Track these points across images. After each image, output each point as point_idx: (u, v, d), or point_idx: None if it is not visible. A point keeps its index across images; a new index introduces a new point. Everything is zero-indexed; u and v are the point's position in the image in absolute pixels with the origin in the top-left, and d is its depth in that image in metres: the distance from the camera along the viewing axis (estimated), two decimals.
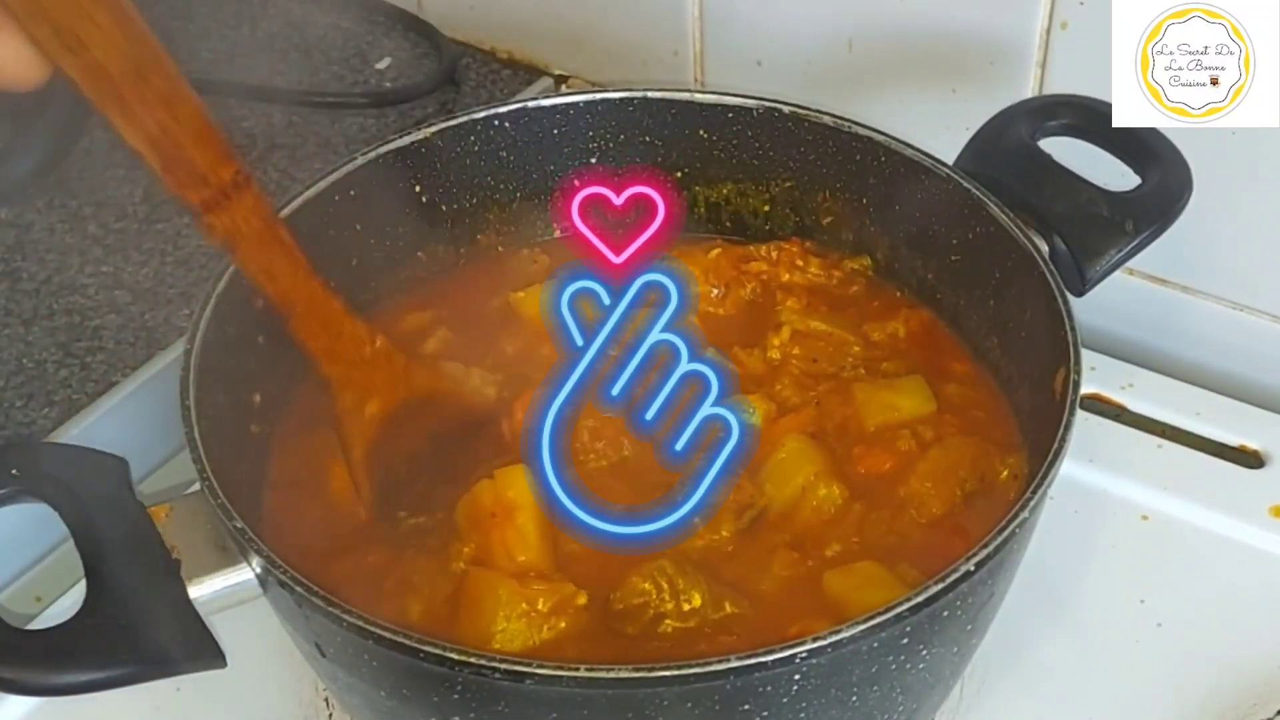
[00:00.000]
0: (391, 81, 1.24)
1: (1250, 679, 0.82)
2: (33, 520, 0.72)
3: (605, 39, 1.19)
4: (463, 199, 0.93)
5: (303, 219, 0.84)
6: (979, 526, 0.72)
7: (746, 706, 0.64)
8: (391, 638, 0.62)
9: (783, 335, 0.86)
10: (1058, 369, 0.75)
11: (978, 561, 0.65)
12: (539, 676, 0.61)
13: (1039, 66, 0.97)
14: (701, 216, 0.95)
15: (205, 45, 1.28)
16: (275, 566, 0.65)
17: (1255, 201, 0.95)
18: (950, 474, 0.78)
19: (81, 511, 0.69)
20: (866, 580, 0.73)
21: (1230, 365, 1.01)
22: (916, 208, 0.87)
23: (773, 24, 1.09)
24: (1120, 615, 0.86)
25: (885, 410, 0.82)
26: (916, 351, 0.87)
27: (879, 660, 0.65)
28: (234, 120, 1.19)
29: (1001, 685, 0.83)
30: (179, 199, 0.67)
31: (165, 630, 0.66)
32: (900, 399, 0.83)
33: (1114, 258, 0.81)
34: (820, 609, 0.72)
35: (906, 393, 0.83)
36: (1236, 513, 0.91)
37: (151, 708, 0.81)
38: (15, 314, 1.02)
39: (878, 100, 1.04)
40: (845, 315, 0.89)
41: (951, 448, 0.80)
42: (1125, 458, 0.94)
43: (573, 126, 0.93)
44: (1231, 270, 0.99)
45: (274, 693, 0.84)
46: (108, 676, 0.64)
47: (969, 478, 0.78)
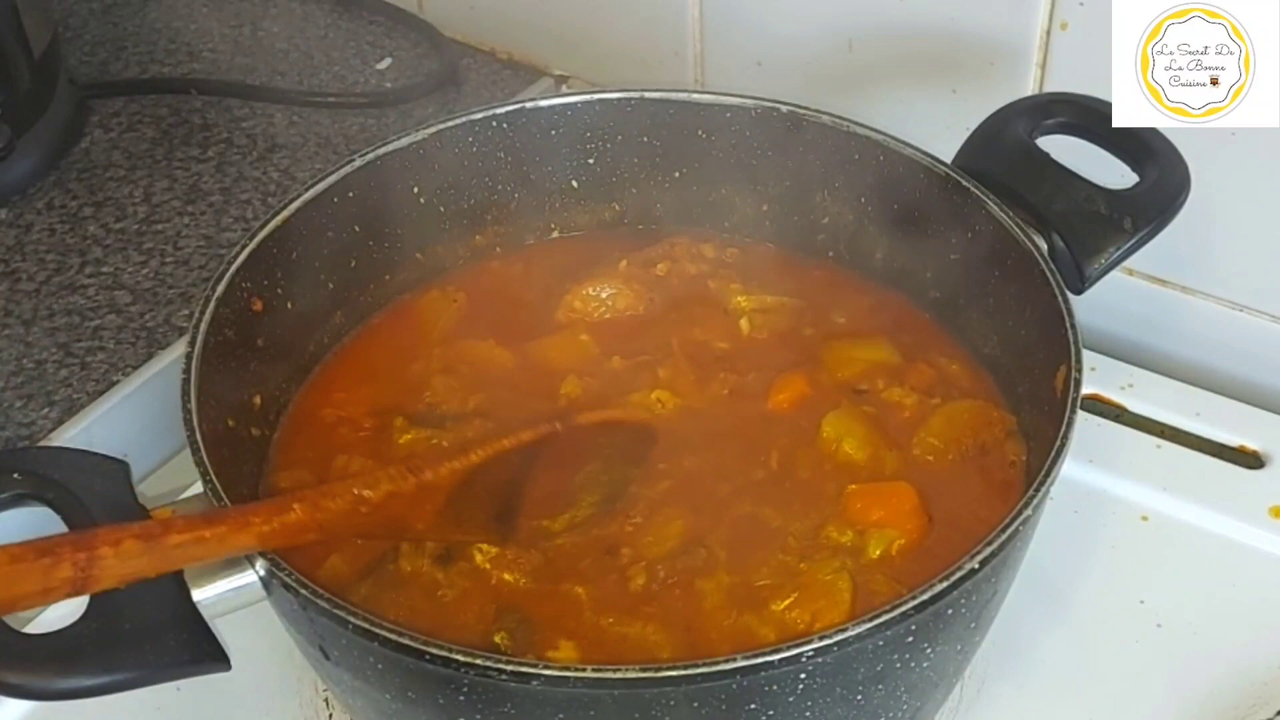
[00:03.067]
0: (391, 81, 1.24)
1: (1250, 679, 0.82)
2: (33, 521, 0.72)
3: (605, 39, 1.19)
4: (461, 200, 0.93)
5: (303, 219, 0.84)
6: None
7: (753, 705, 0.64)
8: (397, 640, 0.62)
9: (744, 316, 0.88)
10: (1058, 367, 0.75)
11: (982, 559, 0.65)
12: (545, 677, 0.61)
13: (1039, 67, 0.98)
14: (699, 216, 0.96)
15: (205, 45, 1.28)
16: (279, 569, 0.65)
17: (1255, 201, 0.95)
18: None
19: (84, 515, 0.68)
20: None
21: (1230, 365, 1.01)
22: (915, 207, 0.88)
23: (773, 24, 1.09)
24: (1120, 615, 0.86)
25: (849, 363, 0.85)
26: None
27: (884, 658, 0.65)
28: (234, 120, 1.19)
29: (1001, 685, 0.83)
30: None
31: (169, 634, 0.65)
32: (863, 352, 0.86)
33: (1113, 255, 0.81)
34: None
35: (870, 348, 0.86)
36: (1236, 513, 0.91)
37: (152, 708, 0.81)
38: (15, 314, 1.02)
39: (878, 100, 1.04)
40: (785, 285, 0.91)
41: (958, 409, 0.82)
42: (1125, 458, 0.94)
43: (571, 127, 0.93)
44: (1231, 270, 0.99)
45: (274, 693, 0.84)
46: (112, 681, 0.64)
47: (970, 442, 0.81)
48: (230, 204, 1.12)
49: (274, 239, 0.83)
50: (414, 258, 0.93)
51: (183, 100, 1.21)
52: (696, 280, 0.92)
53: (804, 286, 0.91)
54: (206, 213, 1.11)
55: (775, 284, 0.91)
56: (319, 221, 0.86)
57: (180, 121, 1.20)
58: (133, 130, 1.19)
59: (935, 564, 0.66)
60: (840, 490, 0.78)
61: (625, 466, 0.79)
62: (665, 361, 0.86)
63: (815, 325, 0.89)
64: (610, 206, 0.96)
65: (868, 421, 0.82)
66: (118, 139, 1.18)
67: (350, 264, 0.89)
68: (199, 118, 1.20)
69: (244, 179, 1.14)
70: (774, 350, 0.87)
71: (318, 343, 0.88)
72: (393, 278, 0.92)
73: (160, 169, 1.15)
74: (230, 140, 1.18)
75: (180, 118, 1.20)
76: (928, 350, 0.87)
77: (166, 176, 1.14)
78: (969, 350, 0.87)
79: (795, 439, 0.81)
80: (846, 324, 0.89)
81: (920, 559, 0.75)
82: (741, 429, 0.82)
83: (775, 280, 0.92)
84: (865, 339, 0.88)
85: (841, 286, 0.92)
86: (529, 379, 0.86)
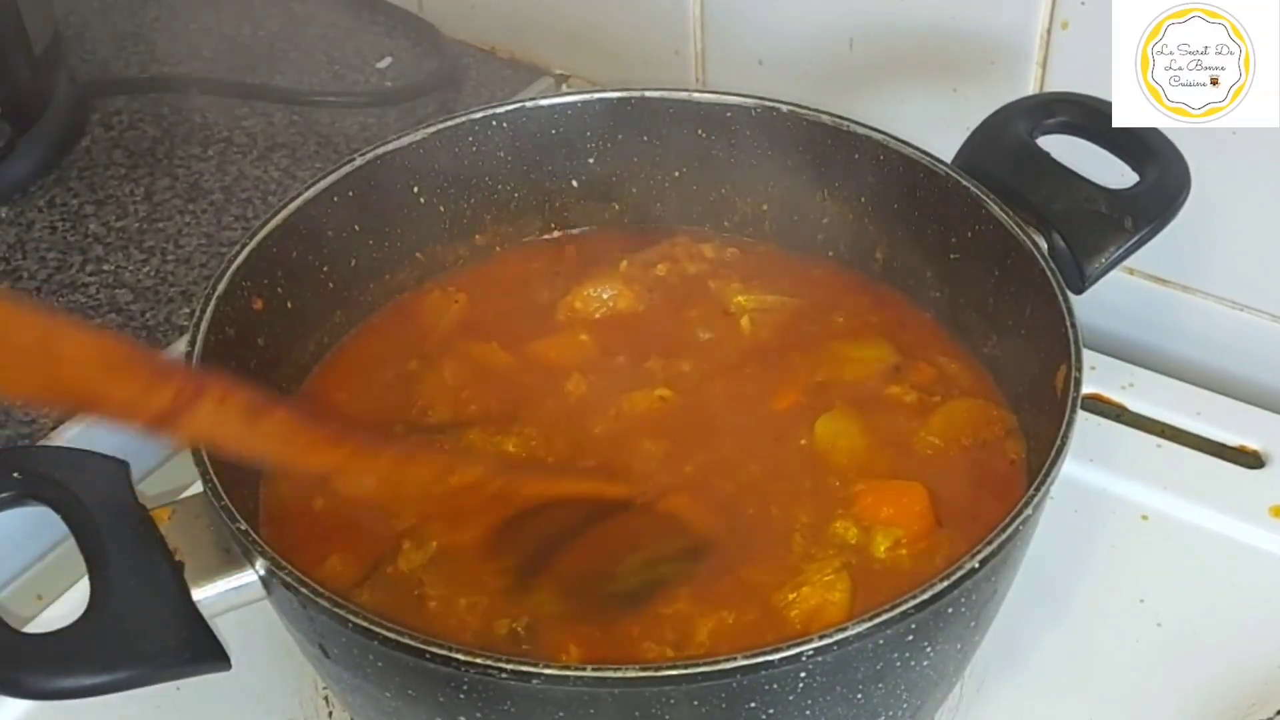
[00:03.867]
0: (391, 81, 1.24)
1: (1250, 679, 0.82)
2: (33, 519, 0.72)
3: (605, 39, 1.19)
4: (461, 199, 0.93)
5: (302, 219, 0.84)
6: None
7: (753, 704, 0.64)
8: (397, 639, 0.62)
9: (745, 315, 0.88)
10: (1058, 367, 0.75)
11: (982, 558, 0.65)
12: (545, 676, 0.61)
13: (1039, 66, 0.98)
14: (699, 216, 0.96)
15: (205, 45, 1.28)
16: (279, 569, 0.65)
17: (1255, 201, 0.95)
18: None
19: (84, 515, 0.68)
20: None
21: (1230, 365, 1.01)
22: (915, 206, 0.88)
23: (774, 23, 1.09)
24: (1120, 615, 0.86)
25: (849, 363, 0.85)
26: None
27: (884, 657, 0.65)
28: (234, 120, 1.19)
29: (1001, 685, 0.83)
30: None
31: (169, 634, 0.66)
32: (863, 352, 0.86)
33: (1113, 255, 0.81)
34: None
35: (870, 347, 0.86)
36: (1236, 513, 0.91)
37: (152, 707, 0.81)
38: None
39: (879, 100, 1.04)
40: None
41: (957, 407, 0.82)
42: (1125, 458, 0.94)
43: (571, 126, 0.93)
44: (1231, 270, 0.99)
45: (274, 691, 0.84)
46: (112, 680, 0.64)
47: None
48: (231, 203, 1.12)
49: (274, 238, 0.83)
50: (414, 257, 0.93)
51: (183, 99, 1.21)
52: (696, 280, 0.92)
53: (804, 286, 0.91)
54: (207, 211, 1.11)
55: (775, 284, 0.91)
56: (319, 221, 0.86)
57: (181, 120, 1.20)
58: (134, 129, 1.19)
59: (937, 563, 0.66)
60: (845, 488, 0.78)
61: (676, 564, 0.75)
62: (666, 361, 0.86)
63: (816, 324, 0.89)
64: (610, 206, 0.96)
65: (865, 421, 0.82)
66: (119, 137, 1.18)
67: (350, 263, 0.89)
68: (199, 116, 1.20)
69: (244, 178, 1.14)
70: (775, 349, 0.87)
71: (318, 342, 0.88)
72: (392, 277, 0.92)
73: (161, 167, 1.15)
74: (230, 139, 1.18)
75: (181, 116, 1.20)
76: (928, 350, 0.87)
77: (167, 175, 1.14)
78: (969, 350, 0.87)
79: (796, 436, 0.81)
80: (846, 324, 0.89)
81: (922, 559, 0.75)
82: (743, 426, 0.82)
83: (775, 280, 0.92)
84: (865, 339, 0.88)
85: (841, 286, 0.92)
86: (529, 379, 0.86)
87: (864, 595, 0.72)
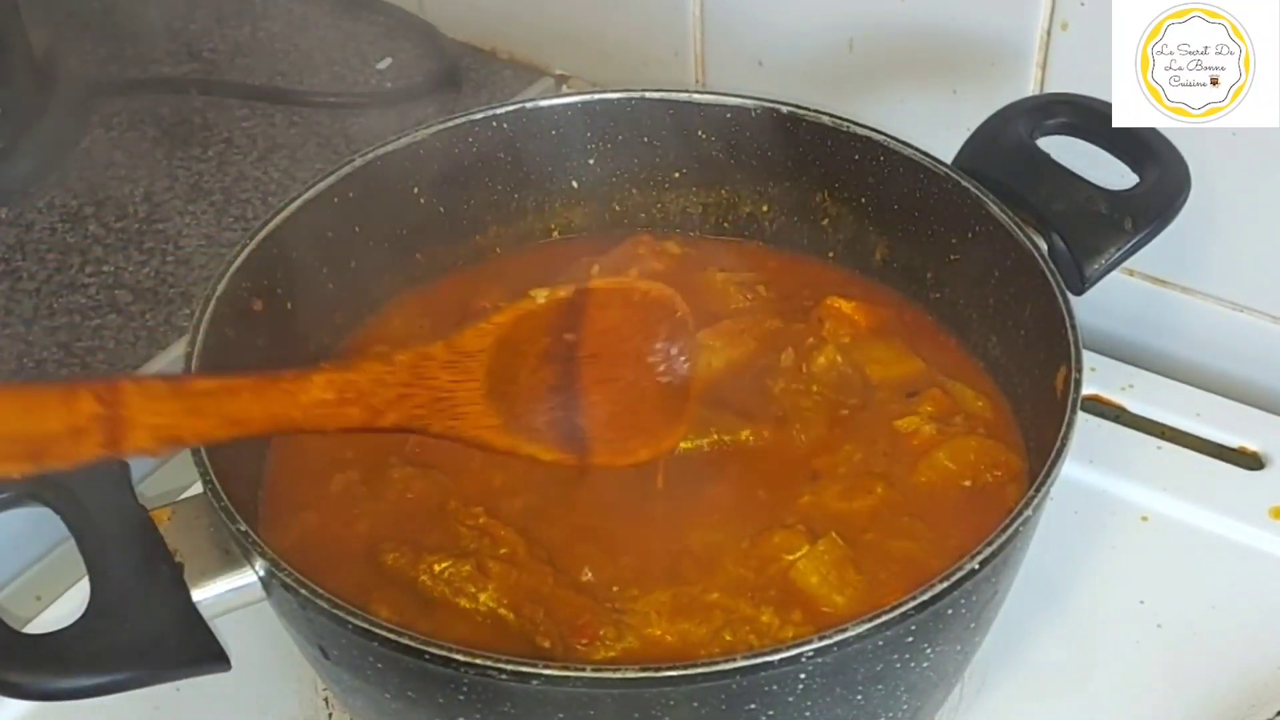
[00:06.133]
0: (391, 81, 1.24)
1: (1250, 679, 0.82)
2: (32, 519, 0.72)
3: (605, 39, 1.19)
4: (461, 200, 0.93)
5: (302, 220, 0.84)
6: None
7: (752, 705, 0.64)
8: (397, 640, 0.62)
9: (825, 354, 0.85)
10: (1058, 367, 0.75)
11: (982, 559, 0.65)
12: (545, 677, 0.61)
13: (1039, 67, 0.98)
14: (699, 217, 0.96)
15: (205, 45, 1.28)
16: (279, 569, 0.65)
17: (1255, 201, 0.95)
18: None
19: (84, 516, 0.69)
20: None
21: (1230, 366, 1.01)
22: (915, 207, 0.88)
23: (774, 24, 1.09)
24: (1120, 615, 0.86)
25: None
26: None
27: (884, 658, 0.65)
28: (234, 120, 1.19)
29: (1001, 685, 0.83)
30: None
31: (169, 635, 0.66)
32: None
33: (1113, 256, 0.81)
34: None
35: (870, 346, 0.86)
36: (1236, 514, 0.91)
37: (152, 707, 0.81)
38: (15, 314, 1.02)
39: (878, 100, 1.04)
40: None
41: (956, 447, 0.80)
42: (1125, 458, 0.94)
43: (571, 127, 0.93)
44: (1231, 270, 0.99)
45: (274, 692, 0.84)
46: (112, 681, 0.64)
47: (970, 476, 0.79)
48: (231, 203, 1.12)
49: (274, 239, 0.83)
50: (414, 258, 0.93)
51: (183, 100, 1.22)
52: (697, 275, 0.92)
53: (803, 286, 0.91)
54: (207, 212, 1.11)
55: (774, 284, 0.91)
56: (319, 221, 0.86)
57: (181, 121, 1.20)
58: (133, 130, 1.19)
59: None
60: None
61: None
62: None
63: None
64: (610, 207, 0.96)
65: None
66: (118, 138, 1.18)
67: (350, 264, 0.89)
68: (199, 117, 1.20)
69: (244, 178, 1.14)
70: (775, 307, 0.88)
71: (318, 343, 0.88)
72: (393, 278, 0.92)
73: (161, 168, 1.15)
74: (230, 140, 1.18)
75: (181, 117, 1.20)
76: (928, 349, 0.87)
77: (167, 176, 1.14)
78: (969, 350, 0.87)
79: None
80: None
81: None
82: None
83: (775, 280, 0.91)
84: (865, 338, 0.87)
85: (841, 287, 0.92)
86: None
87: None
